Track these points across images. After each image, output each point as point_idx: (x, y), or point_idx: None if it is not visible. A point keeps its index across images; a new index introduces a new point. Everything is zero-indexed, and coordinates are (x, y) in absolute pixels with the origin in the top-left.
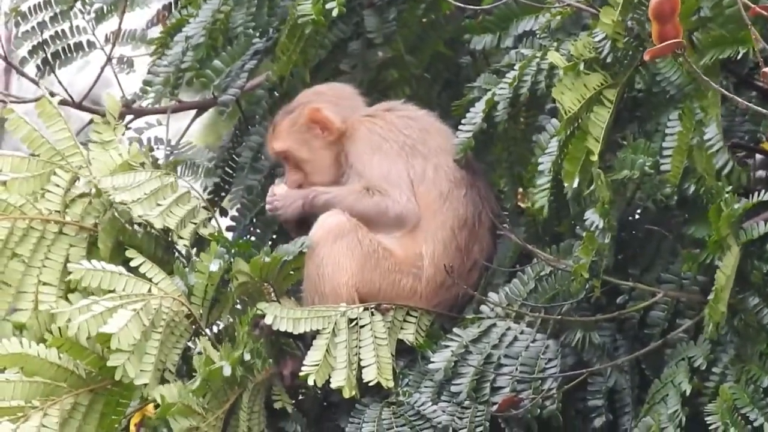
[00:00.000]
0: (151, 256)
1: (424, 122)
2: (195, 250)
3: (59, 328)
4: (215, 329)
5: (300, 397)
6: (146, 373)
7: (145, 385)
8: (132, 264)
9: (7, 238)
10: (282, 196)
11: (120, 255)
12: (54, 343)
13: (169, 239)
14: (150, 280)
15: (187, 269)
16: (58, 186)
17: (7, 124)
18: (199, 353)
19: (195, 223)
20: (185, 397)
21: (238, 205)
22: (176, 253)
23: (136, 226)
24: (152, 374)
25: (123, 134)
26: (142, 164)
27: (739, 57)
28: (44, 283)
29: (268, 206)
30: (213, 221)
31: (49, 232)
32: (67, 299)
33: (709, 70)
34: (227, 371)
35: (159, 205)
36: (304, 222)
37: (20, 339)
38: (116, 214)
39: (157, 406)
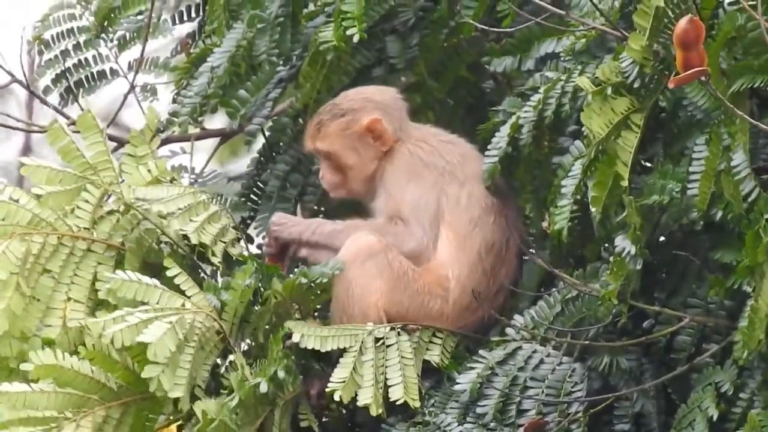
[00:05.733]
0: None
1: (464, 148)
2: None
3: (92, 342)
4: (243, 347)
5: (325, 418)
6: (180, 386)
7: (178, 399)
8: (168, 274)
9: (39, 253)
10: (285, 217)
11: (146, 275)
12: (87, 355)
13: (196, 259)
14: (183, 293)
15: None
16: (87, 202)
17: (48, 134)
18: (231, 369)
19: (224, 242)
20: (224, 414)
21: (265, 233)
22: (203, 274)
23: (163, 245)
24: (185, 388)
25: (157, 149)
26: (172, 180)
27: None
28: (73, 300)
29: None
30: (241, 242)
31: (78, 248)
32: (95, 317)
33: (738, 96)
34: (263, 388)
35: (192, 221)
36: (283, 253)
37: (54, 350)
38: (143, 233)
39: (180, 428)
